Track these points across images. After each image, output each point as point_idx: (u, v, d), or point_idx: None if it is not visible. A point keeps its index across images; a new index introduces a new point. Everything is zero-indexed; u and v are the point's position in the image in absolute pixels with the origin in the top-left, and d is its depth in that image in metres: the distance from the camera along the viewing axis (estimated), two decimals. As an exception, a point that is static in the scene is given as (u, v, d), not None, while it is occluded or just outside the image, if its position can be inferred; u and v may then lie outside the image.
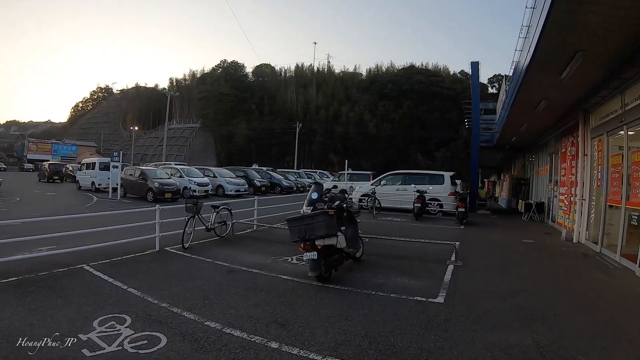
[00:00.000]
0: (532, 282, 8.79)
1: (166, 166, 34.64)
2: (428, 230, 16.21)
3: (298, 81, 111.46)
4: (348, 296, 7.31)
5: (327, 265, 8.05)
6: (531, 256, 12.11)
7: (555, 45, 9.46)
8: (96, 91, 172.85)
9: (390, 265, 9.82)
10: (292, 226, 8.11)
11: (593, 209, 13.87)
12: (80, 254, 9.38)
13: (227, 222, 13.13)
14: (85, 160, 36.73)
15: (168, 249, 10.85)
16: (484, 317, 6.45)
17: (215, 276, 8.44)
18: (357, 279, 8.42)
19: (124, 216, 12.27)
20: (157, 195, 24.69)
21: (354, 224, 9.61)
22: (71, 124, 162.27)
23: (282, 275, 8.52)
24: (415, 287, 7.98)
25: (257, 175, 36.53)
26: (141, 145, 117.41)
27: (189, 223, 11.34)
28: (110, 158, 29.03)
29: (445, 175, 22.91)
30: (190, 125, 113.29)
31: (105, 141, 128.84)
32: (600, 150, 13.34)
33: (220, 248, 11.48)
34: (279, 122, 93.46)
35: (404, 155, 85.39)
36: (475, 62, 28.10)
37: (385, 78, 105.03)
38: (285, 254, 10.47)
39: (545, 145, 22.98)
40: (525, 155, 31.42)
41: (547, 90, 13.76)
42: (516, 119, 19.49)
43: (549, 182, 21.59)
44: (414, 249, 11.86)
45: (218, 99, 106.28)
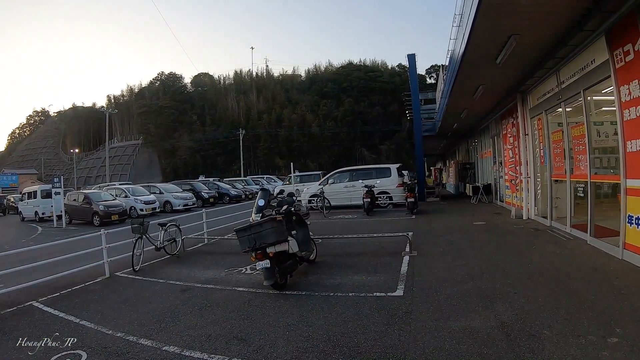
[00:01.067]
0: (488, 263, 8.89)
1: (110, 187, 33.99)
2: (380, 224, 16.23)
3: (238, 88, 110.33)
4: (306, 301, 7.19)
5: (282, 272, 7.90)
6: (484, 237, 12.25)
7: (489, 30, 9.53)
8: (32, 115, 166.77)
9: (346, 264, 9.76)
10: (241, 236, 7.93)
11: (539, 186, 14.17)
12: (28, 290, 8.99)
13: (177, 238, 12.78)
14: (26, 190, 35.75)
15: (118, 274, 10.58)
16: (445, 304, 6.45)
17: (169, 297, 8.21)
18: (314, 282, 8.33)
19: (70, 245, 11.82)
20: (103, 218, 24.22)
21: (304, 226, 9.54)
22: (9, 152, 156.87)
23: (238, 288, 8.35)
24: (373, 283, 7.93)
25: (204, 187, 36.35)
26: (84, 168, 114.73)
27: (137, 244, 11.03)
28: (51, 185, 28.12)
29: (392, 167, 23.02)
30: (132, 143, 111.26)
31: (46, 167, 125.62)
32: (540, 129, 13.65)
33: (172, 267, 11.23)
34: (222, 130, 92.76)
35: (349, 152, 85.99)
36: (412, 55, 28.41)
37: (324, 77, 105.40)
38: (239, 265, 10.29)
39: (486, 128, 23.41)
40: (468, 141, 31.98)
41: (484, 76, 13.93)
42: (456, 106, 19.73)
43: (493, 163, 21.97)
44: (368, 245, 11.80)
45: (158, 112, 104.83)
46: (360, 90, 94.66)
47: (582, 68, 10.18)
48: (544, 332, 5.12)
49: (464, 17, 11.29)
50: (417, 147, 27.88)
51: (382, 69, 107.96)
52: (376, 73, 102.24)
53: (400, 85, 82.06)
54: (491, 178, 23.01)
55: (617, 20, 7.98)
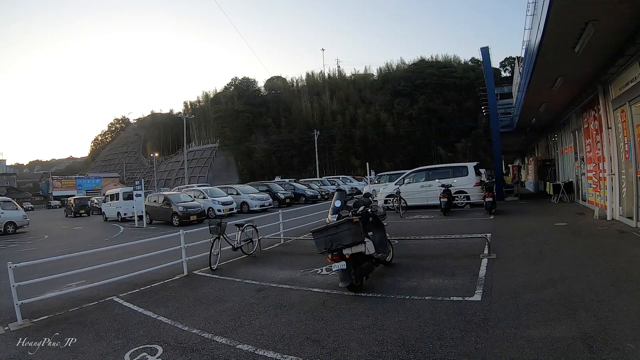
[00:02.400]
0: (570, 267, 8.43)
1: (189, 189, 34.89)
2: (457, 225, 15.83)
3: (311, 90, 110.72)
4: (382, 304, 7.06)
5: (358, 274, 7.80)
6: (566, 240, 11.66)
7: (565, 18, 9.18)
8: (114, 123, 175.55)
9: (423, 266, 9.52)
10: (317, 237, 7.92)
11: (624, 183, 13.48)
12: (109, 286, 9.43)
13: (254, 239, 12.96)
14: (109, 192, 37.48)
15: (196, 273, 10.83)
16: (524, 311, 6.17)
17: (245, 296, 8.30)
18: (390, 285, 8.17)
19: (150, 244, 12.18)
20: (182, 219, 24.83)
21: (381, 228, 9.37)
22: (92, 158, 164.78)
23: (313, 289, 8.34)
24: (450, 286, 7.71)
25: (280, 188, 36.53)
26: (163, 171, 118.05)
27: (215, 244, 11.26)
28: (132, 187, 29.29)
29: (469, 166, 22.39)
30: (209, 146, 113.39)
31: (128, 170, 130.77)
32: (624, 121, 12.96)
33: (248, 266, 11.36)
34: (296, 132, 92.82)
35: (425, 150, 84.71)
36: (485, 48, 27.64)
37: (397, 75, 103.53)
38: (314, 266, 10.27)
39: (566, 122, 22.55)
40: (547, 136, 30.91)
41: (562, 67, 13.44)
42: (534, 100, 19.15)
43: (574, 160, 21.16)
44: (445, 246, 11.54)
45: (234, 117, 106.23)
46: (434, 87, 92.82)
47: (668, 53, 9.68)
48: (629, 345, 4.81)
49: (537, 4, 10.93)
50: (494, 144, 27.08)
51: (455, 64, 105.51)
52: (449, 69, 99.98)
53: (475, 80, 79.96)
54: (572, 175, 22.16)
55: None
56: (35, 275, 8.84)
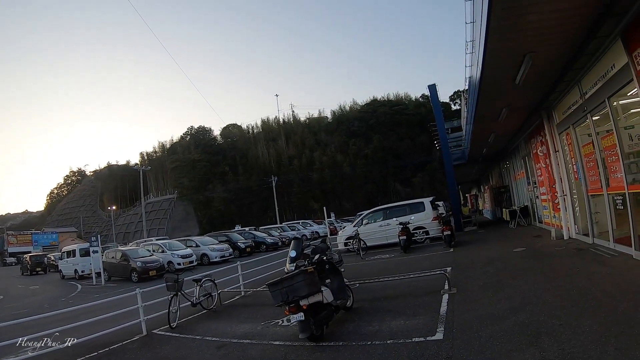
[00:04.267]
0: (531, 293, 8.51)
1: (147, 243, 34.69)
2: (418, 262, 15.84)
3: (267, 135, 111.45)
4: (344, 352, 6.93)
5: (317, 324, 7.68)
6: (525, 264, 11.84)
7: (502, 52, 9.45)
8: (69, 175, 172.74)
9: (384, 308, 9.42)
10: (273, 290, 7.82)
11: (577, 203, 13.78)
12: (66, 351, 9.05)
13: (213, 293, 12.72)
14: (65, 249, 36.94)
15: (156, 332, 10.55)
16: (487, 344, 6.12)
17: (206, 354, 8.12)
18: (351, 331, 8.05)
19: (108, 304, 11.96)
20: (141, 274, 24.43)
21: (338, 274, 9.32)
22: (49, 212, 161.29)
23: (274, 342, 8.16)
24: (412, 327, 7.62)
25: (240, 237, 36.22)
26: (122, 224, 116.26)
27: (173, 301, 11.02)
28: (89, 243, 28.88)
29: (425, 201, 22.62)
30: (167, 197, 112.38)
31: (85, 224, 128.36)
32: (570, 144, 13.36)
33: (208, 322, 11.14)
34: (254, 179, 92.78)
35: (383, 188, 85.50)
36: (432, 85, 28.26)
37: (350, 116, 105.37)
38: (275, 317, 10.05)
39: (516, 149, 23.11)
40: (500, 164, 31.64)
41: (505, 97, 13.79)
42: (482, 131, 19.54)
43: (527, 184, 21.58)
44: (406, 285, 11.43)
45: (191, 166, 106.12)
46: (387, 125, 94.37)
47: (603, 75, 10.00)
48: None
49: (475, 42, 11.19)
50: (448, 177, 27.44)
51: (406, 101, 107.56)
52: (401, 106, 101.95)
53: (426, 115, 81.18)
54: (527, 200, 22.58)
55: (630, 20, 7.83)
56: None
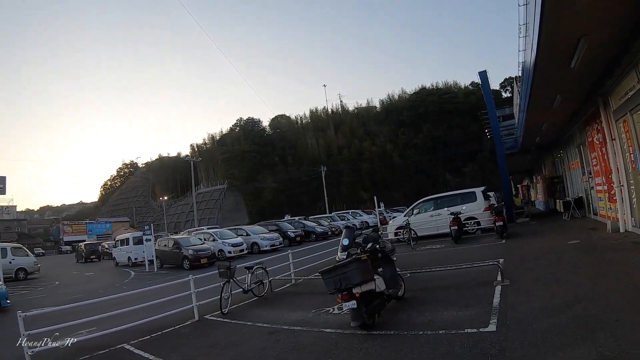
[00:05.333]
0: (586, 287, 8.24)
1: (199, 232, 35.04)
2: (470, 252, 15.58)
3: (315, 126, 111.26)
4: (395, 341, 6.87)
5: (369, 312, 7.65)
6: (580, 258, 11.48)
7: (556, 36, 9.21)
8: (122, 167, 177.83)
9: (436, 298, 9.31)
10: (326, 278, 7.86)
11: (634, 194, 13.29)
12: (120, 333, 9.34)
13: (264, 280, 12.87)
14: (119, 237, 38.01)
15: (207, 317, 10.77)
16: (541, 338, 5.98)
17: (257, 340, 8.21)
18: (403, 320, 7.99)
19: (161, 289, 12.20)
20: (192, 262, 24.77)
21: (391, 263, 9.26)
22: (102, 202, 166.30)
23: (325, 329, 8.17)
24: (464, 318, 7.52)
25: (290, 227, 36.38)
26: (173, 214, 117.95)
27: (225, 288, 11.22)
28: (142, 232, 29.61)
29: (477, 191, 22.26)
30: (218, 187, 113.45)
31: (138, 214, 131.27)
32: (627, 131, 12.85)
33: (259, 309, 11.27)
34: (304, 169, 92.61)
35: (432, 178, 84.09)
36: (483, 72, 27.66)
37: (399, 106, 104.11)
38: (326, 305, 10.09)
39: (571, 138, 22.45)
40: (553, 153, 30.76)
41: (559, 83, 13.44)
42: (535, 119, 19.12)
43: (582, 175, 20.99)
44: (458, 276, 11.26)
45: (240, 157, 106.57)
46: (437, 114, 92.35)
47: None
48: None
49: (529, 26, 10.94)
50: (500, 167, 26.84)
51: (455, 89, 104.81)
52: (450, 94, 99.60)
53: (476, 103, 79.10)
54: (582, 190, 21.94)
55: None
56: (46, 323, 8.82)
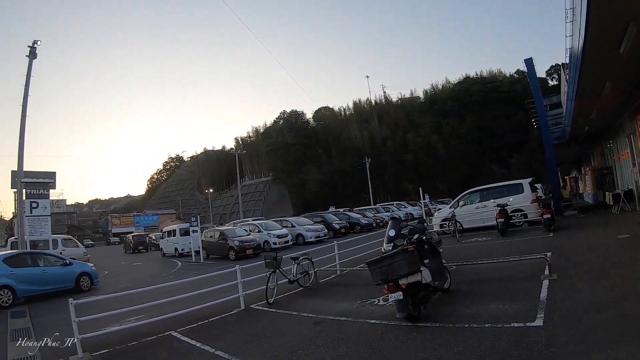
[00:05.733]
0: (636, 283, 8.04)
1: (244, 223, 35.43)
2: (516, 245, 15.37)
3: (359, 117, 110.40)
4: (440, 334, 6.86)
5: (415, 304, 7.63)
6: (629, 252, 11.20)
7: (604, 20, 9.04)
8: (168, 161, 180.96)
9: (482, 292, 9.25)
10: (372, 269, 7.85)
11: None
12: (167, 321, 9.62)
13: (309, 271, 12.99)
14: (166, 229, 39.05)
15: (253, 306, 10.94)
16: (589, 334, 5.88)
17: (302, 329, 8.32)
18: (448, 313, 7.95)
19: (207, 279, 12.40)
20: (238, 253, 25.16)
21: (437, 254, 9.26)
22: (149, 196, 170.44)
23: (370, 320, 8.21)
24: (510, 312, 7.44)
25: (335, 218, 36.45)
26: (218, 206, 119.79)
27: (271, 278, 11.37)
28: (189, 223, 30.15)
29: (524, 182, 21.75)
30: (262, 180, 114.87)
31: (184, 207, 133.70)
32: (680, 120, 12.49)
33: (305, 299, 11.42)
34: (348, 161, 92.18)
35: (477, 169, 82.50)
36: (529, 59, 27.06)
37: (443, 96, 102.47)
38: (371, 297, 10.10)
39: (620, 127, 21.93)
40: (602, 143, 30.08)
41: (609, 70, 13.15)
42: (583, 108, 18.74)
43: (632, 166, 20.48)
44: (504, 269, 11.14)
45: (285, 149, 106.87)
46: (482, 103, 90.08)
47: None
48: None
49: (576, 10, 10.74)
50: (548, 157, 26.28)
51: (500, 78, 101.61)
52: (495, 83, 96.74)
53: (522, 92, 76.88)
54: (632, 182, 21.40)
55: None
56: (96, 311, 9.17)
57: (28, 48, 24.74)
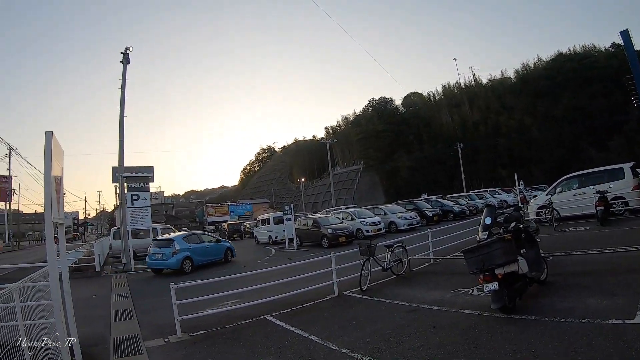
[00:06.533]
0: None
1: (337, 211, 35.92)
2: (617, 236, 14.33)
3: (449, 102, 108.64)
4: (535, 327, 6.68)
5: (510, 295, 7.47)
6: None
7: None
8: (260, 152, 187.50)
9: (579, 284, 8.83)
10: (468, 257, 7.79)
11: None
12: (262, 305, 10.02)
13: (403, 259, 13.01)
14: (260, 217, 40.52)
15: (346, 293, 11.12)
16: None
17: (395, 317, 8.40)
18: (544, 306, 7.70)
19: (300, 266, 12.66)
20: (331, 240, 25.46)
21: (534, 244, 8.97)
22: (242, 186, 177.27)
23: (464, 310, 8.15)
24: (609, 307, 7.06)
25: (428, 205, 35.90)
26: (310, 194, 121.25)
27: (365, 266, 11.47)
28: (282, 212, 30.85)
29: (625, 167, 20.16)
30: (353, 168, 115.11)
31: (276, 196, 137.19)
32: None
33: (398, 287, 11.46)
34: (439, 147, 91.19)
35: (574, 153, 78.49)
36: (625, 31, 25.71)
37: (535, 75, 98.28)
38: (465, 286, 10.00)
39: None
40: None
41: None
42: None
43: None
44: (604, 261, 10.57)
45: (375, 137, 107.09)
46: (576, 81, 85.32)
47: None
48: None
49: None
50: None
51: (595, 53, 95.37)
52: (589, 59, 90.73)
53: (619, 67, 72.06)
54: None
55: None
56: (194, 294, 9.78)
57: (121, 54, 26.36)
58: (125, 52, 26.52)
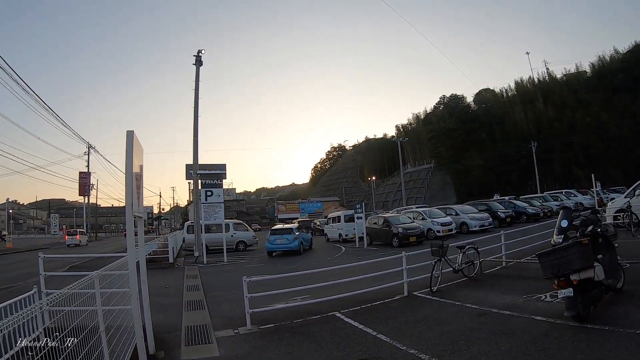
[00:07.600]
0: None
1: (408, 210, 36.06)
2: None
3: (522, 98, 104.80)
4: (610, 338, 6.44)
5: (585, 302, 7.20)
6: None
7: None
8: (331, 151, 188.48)
9: (658, 295, 8.39)
10: (543, 261, 7.60)
11: None
12: (331, 302, 10.21)
13: (475, 261, 12.89)
14: (330, 215, 40.36)
15: (416, 294, 11.12)
16: None
17: (465, 320, 8.38)
18: (620, 316, 7.41)
19: (370, 265, 12.91)
20: (401, 240, 25.46)
21: (612, 249, 8.64)
22: (313, 184, 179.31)
23: (536, 316, 7.99)
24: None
25: (500, 207, 35.22)
26: (381, 193, 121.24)
27: (436, 266, 11.46)
28: (353, 210, 30.97)
29: None
30: (424, 167, 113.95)
31: (347, 194, 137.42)
32: None
33: (468, 289, 11.38)
34: (512, 145, 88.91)
35: (655, 152, 75.26)
36: None
37: (612, 68, 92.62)
38: (537, 292, 9.76)
39: None
40: None
41: None
42: None
43: None
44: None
45: (446, 135, 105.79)
46: None
47: None
48: None
49: None
50: None
51: None
52: None
53: None
54: None
55: None
56: (265, 289, 10.02)
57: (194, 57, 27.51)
58: (197, 54, 27.73)
